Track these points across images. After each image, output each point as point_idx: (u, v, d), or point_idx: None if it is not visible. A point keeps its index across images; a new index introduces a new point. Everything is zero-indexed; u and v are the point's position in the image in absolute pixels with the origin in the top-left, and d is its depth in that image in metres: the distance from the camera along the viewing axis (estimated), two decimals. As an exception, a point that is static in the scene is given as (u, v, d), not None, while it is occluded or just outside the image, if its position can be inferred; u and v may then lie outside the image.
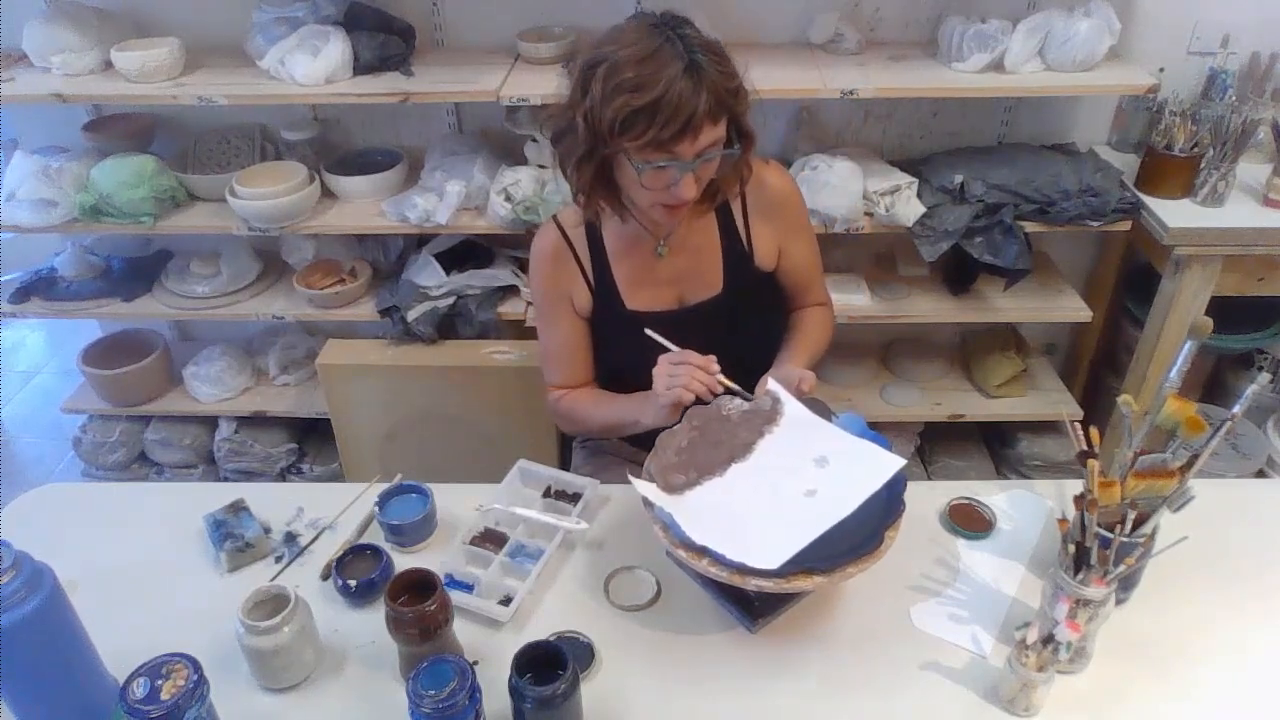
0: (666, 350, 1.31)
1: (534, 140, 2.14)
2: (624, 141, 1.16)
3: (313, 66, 1.93)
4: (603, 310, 1.43)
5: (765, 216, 1.42)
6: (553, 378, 1.50)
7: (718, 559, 1.05)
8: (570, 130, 1.22)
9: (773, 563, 1.03)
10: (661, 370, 1.28)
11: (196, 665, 0.92)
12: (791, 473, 1.18)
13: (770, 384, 1.29)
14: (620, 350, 1.48)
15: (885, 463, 1.14)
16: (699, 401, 1.27)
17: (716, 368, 1.26)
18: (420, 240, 2.29)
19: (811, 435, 1.22)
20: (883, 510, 1.09)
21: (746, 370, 1.32)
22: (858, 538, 1.06)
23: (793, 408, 1.25)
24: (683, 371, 1.25)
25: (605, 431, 1.55)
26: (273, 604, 1.07)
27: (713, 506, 1.15)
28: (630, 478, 1.17)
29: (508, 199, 2.02)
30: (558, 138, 1.26)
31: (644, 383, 1.45)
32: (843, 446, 1.19)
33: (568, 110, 1.22)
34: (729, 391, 1.26)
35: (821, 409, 1.26)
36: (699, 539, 1.07)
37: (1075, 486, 1.12)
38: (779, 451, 1.22)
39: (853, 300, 2.18)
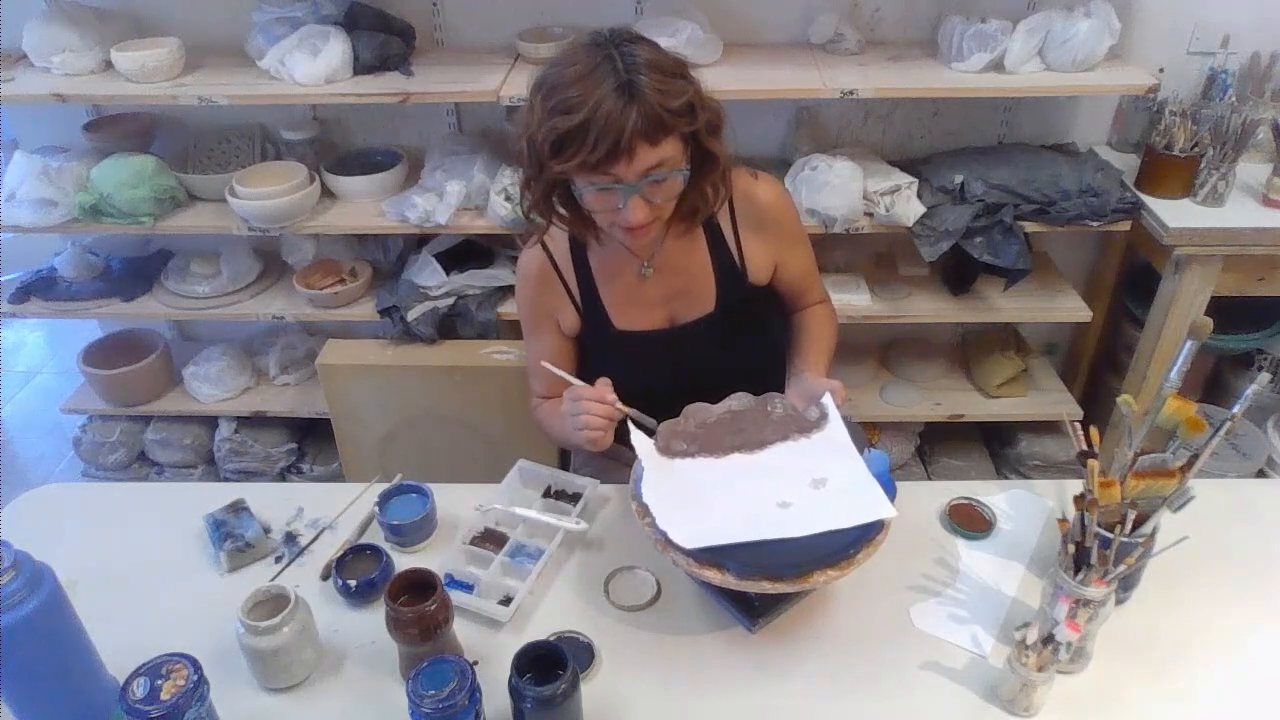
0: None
1: (534, 140, 2.13)
2: (557, 164, 1.13)
3: (313, 66, 1.93)
4: (592, 331, 1.42)
5: (757, 231, 1.39)
6: (535, 387, 1.51)
7: (652, 522, 1.08)
8: (521, 152, 1.20)
9: (689, 543, 1.04)
10: (565, 409, 1.27)
11: (196, 665, 0.92)
12: (783, 480, 1.18)
13: (825, 399, 1.26)
14: (612, 370, 1.47)
15: (876, 508, 1.10)
16: (703, 399, 1.28)
17: (611, 396, 1.24)
18: (420, 240, 2.29)
19: (830, 458, 1.20)
20: (837, 549, 1.05)
21: (744, 385, 1.32)
22: (791, 560, 1.04)
23: (835, 429, 1.23)
24: (580, 409, 1.24)
25: (565, 445, 1.54)
26: (273, 604, 1.07)
27: (690, 479, 1.16)
28: (630, 425, 1.18)
29: (508, 199, 2.02)
30: (517, 158, 1.24)
31: (639, 403, 1.44)
32: (849, 478, 1.17)
33: (521, 133, 1.20)
34: (633, 421, 1.25)
35: (859, 439, 1.24)
36: (647, 498, 1.09)
37: (1075, 486, 1.12)
38: (788, 459, 1.21)
39: (853, 300, 2.18)
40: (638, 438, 1.18)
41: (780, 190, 1.44)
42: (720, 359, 1.43)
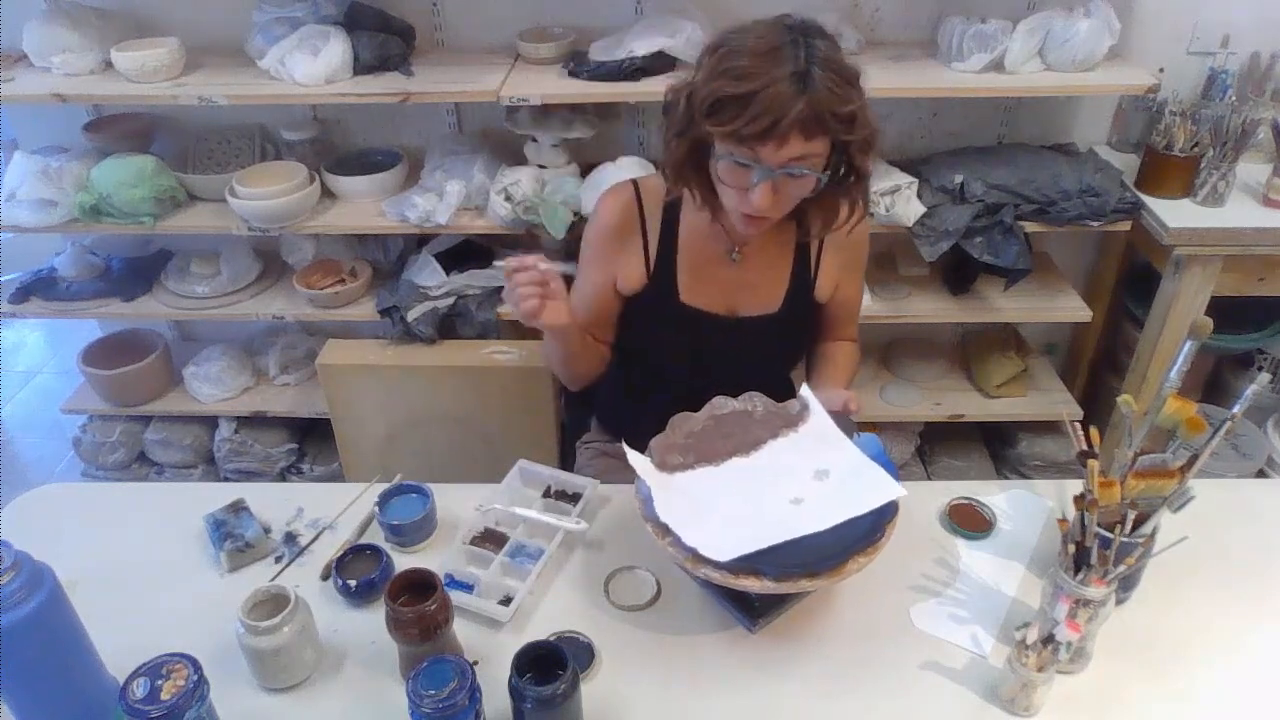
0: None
1: (534, 140, 2.14)
2: (710, 125, 1.14)
3: (313, 66, 1.93)
4: (654, 295, 1.40)
5: (837, 251, 1.41)
6: None
7: (676, 540, 1.06)
8: (676, 104, 1.21)
9: (723, 555, 1.03)
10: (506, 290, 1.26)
11: (196, 665, 0.92)
12: (788, 478, 1.18)
13: (803, 391, 1.27)
14: (663, 340, 1.45)
15: (885, 489, 1.11)
16: (721, 392, 1.27)
17: (532, 260, 1.20)
18: (420, 240, 2.29)
19: (824, 447, 1.21)
20: (859, 535, 1.07)
21: (775, 396, 1.31)
22: (824, 554, 1.05)
23: (818, 419, 1.24)
24: (510, 281, 1.21)
25: (560, 372, 1.49)
26: (273, 604, 1.07)
27: (696, 491, 1.15)
28: (625, 447, 1.17)
29: (508, 199, 2.02)
30: (666, 109, 1.25)
31: (680, 379, 1.42)
32: (849, 465, 1.18)
33: (682, 85, 1.21)
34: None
35: (846, 426, 1.24)
36: (665, 517, 1.08)
37: (1075, 486, 1.12)
38: (785, 455, 1.21)
39: (853, 300, 2.18)
40: (634, 457, 1.17)
41: (866, 220, 1.44)
42: (769, 360, 1.44)
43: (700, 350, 1.43)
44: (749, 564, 1.03)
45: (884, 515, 1.09)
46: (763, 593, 1.04)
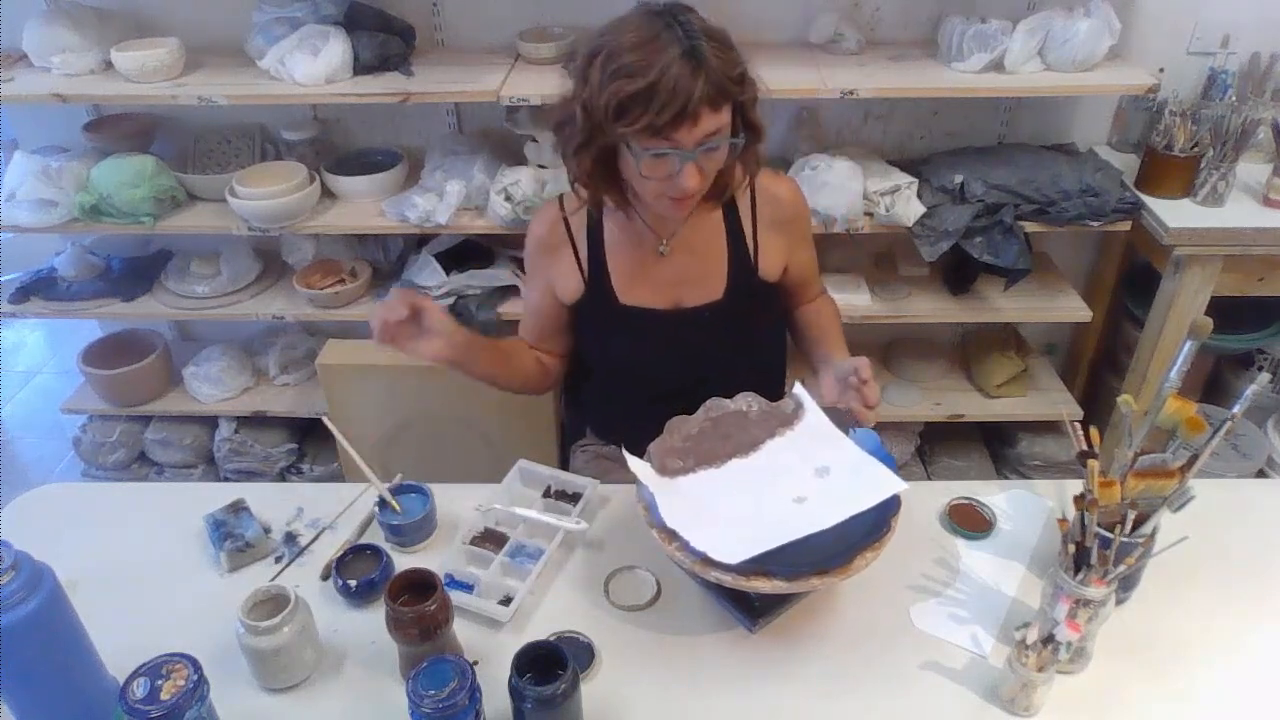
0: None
1: (534, 140, 2.13)
2: (620, 128, 1.14)
3: (313, 66, 1.93)
4: (594, 301, 1.42)
5: (775, 229, 1.41)
6: (521, 329, 1.56)
7: (684, 545, 1.06)
8: (570, 120, 1.21)
9: (733, 558, 1.03)
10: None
11: (196, 665, 0.92)
12: (789, 476, 1.18)
13: (796, 389, 1.28)
14: (614, 344, 1.46)
15: (886, 483, 1.11)
16: (707, 393, 1.27)
17: (405, 306, 1.24)
18: (420, 240, 2.29)
19: (822, 444, 1.21)
20: (864, 531, 1.07)
21: (744, 377, 1.31)
22: (830, 552, 1.05)
23: (813, 416, 1.24)
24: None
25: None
26: (273, 604, 1.07)
27: (699, 495, 1.15)
28: (625, 453, 1.17)
29: (508, 199, 2.02)
30: (558, 128, 1.25)
31: (643, 378, 1.44)
32: (848, 461, 1.18)
33: (568, 101, 1.21)
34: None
35: (841, 420, 1.24)
36: (671, 523, 1.08)
37: (1075, 486, 1.12)
38: (784, 454, 1.21)
39: (853, 300, 2.18)
40: (634, 463, 1.17)
41: (799, 191, 1.46)
42: (722, 348, 1.44)
43: (652, 348, 1.44)
44: (758, 565, 1.03)
45: (888, 509, 1.09)
46: (772, 593, 1.04)
